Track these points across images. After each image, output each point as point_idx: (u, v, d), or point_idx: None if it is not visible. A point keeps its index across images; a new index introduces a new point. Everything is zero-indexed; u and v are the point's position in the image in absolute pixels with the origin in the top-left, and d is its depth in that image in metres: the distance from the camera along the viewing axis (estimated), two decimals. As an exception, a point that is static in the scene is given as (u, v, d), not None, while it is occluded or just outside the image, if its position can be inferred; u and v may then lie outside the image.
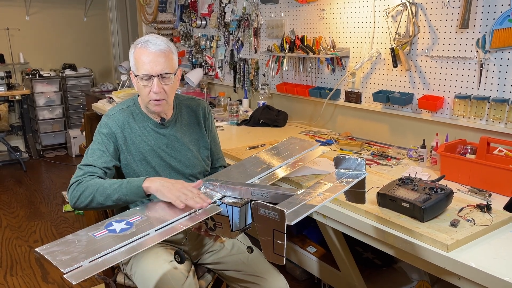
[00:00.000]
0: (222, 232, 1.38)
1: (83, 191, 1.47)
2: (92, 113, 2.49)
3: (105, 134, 1.60)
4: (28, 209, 3.88)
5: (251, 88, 3.47)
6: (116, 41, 6.09)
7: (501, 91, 1.95)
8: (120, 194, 1.43)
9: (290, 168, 1.66)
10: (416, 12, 2.22)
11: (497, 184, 1.68)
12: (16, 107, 5.45)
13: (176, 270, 1.52)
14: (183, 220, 1.25)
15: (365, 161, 1.33)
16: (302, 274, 2.58)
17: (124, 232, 1.16)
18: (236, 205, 1.30)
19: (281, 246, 1.05)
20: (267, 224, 1.07)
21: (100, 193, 1.45)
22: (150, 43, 1.53)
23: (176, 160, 1.68)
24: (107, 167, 1.56)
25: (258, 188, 1.35)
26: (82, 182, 1.49)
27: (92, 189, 1.46)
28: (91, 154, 1.57)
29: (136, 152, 1.63)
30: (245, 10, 3.39)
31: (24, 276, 2.80)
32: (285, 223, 1.03)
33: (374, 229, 1.46)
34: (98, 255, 1.05)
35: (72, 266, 1.00)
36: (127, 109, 1.67)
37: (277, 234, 1.06)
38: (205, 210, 1.31)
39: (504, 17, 1.86)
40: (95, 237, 1.13)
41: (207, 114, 1.81)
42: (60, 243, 1.10)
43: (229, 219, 1.32)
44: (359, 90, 2.61)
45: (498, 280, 1.14)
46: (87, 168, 1.54)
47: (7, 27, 5.25)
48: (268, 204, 1.06)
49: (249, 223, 1.35)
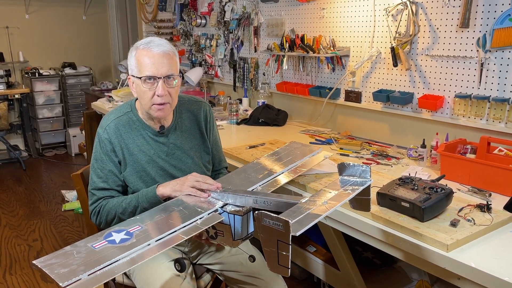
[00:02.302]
0: (224, 241, 1.36)
1: (106, 217, 1.53)
2: (92, 112, 2.50)
3: (106, 151, 1.56)
4: (27, 208, 3.87)
5: (251, 87, 3.47)
6: (116, 40, 6.08)
7: (501, 91, 1.94)
8: (140, 208, 1.47)
9: (292, 174, 1.64)
10: (417, 11, 2.21)
11: (497, 184, 1.67)
12: (16, 106, 5.44)
13: (174, 270, 1.52)
14: (184, 229, 1.22)
15: (370, 168, 1.30)
16: (301, 273, 2.58)
17: (124, 243, 1.12)
18: (238, 214, 1.28)
19: (286, 258, 1.01)
20: (271, 234, 1.02)
21: (122, 213, 1.51)
22: (153, 44, 1.48)
23: (176, 168, 1.63)
24: (118, 185, 1.58)
25: (260, 196, 1.32)
26: (101, 210, 1.54)
27: (113, 212, 1.52)
28: (98, 176, 1.56)
29: (134, 163, 1.58)
30: (245, 9, 3.39)
31: (23, 275, 2.80)
32: (290, 234, 0.99)
33: (374, 229, 1.45)
34: (97, 268, 1.02)
35: (70, 280, 0.97)
36: (123, 117, 1.59)
37: (281, 245, 1.01)
38: (207, 218, 1.28)
39: (504, 17, 1.86)
40: (94, 248, 1.10)
41: (209, 117, 1.74)
42: (59, 255, 1.07)
43: (231, 228, 1.29)
44: (359, 89, 2.60)
45: (498, 280, 1.14)
46: (99, 193, 1.56)
47: (7, 25, 5.24)
48: (272, 214, 1.02)
49: (251, 231, 1.33)
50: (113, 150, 1.56)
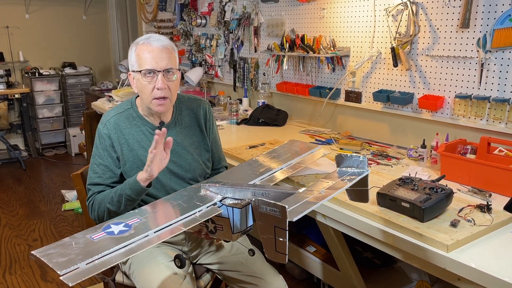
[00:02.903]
0: (223, 235, 1.36)
1: (98, 209, 1.54)
2: (92, 112, 2.50)
3: (104, 147, 1.58)
4: (27, 207, 3.87)
5: (251, 87, 3.47)
6: (116, 40, 6.08)
7: (501, 91, 1.94)
8: (125, 196, 1.46)
9: (290, 170, 1.64)
10: (417, 11, 2.21)
11: (497, 184, 1.67)
12: (16, 106, 5.44)
13: (174, 269, 1.52)
14: (183, 221, 1.24)
15: (367, 158, 1.32)
16: (301, 273, 2.58)
17: (122, 234, 1.14)
18: (236, 206, 1.29)
19: (283, 244, 1.04)
20: (268, 221, 1.05)
21: (110, 203, 1.51)
22: (152, 39, 1.52)
23: (176, 164, 1.64)
24: (114, 182, 1.58)
25: (259, 188, 1.33)
26: (94, 202, 1.56)
27: (103, 204, 1.53)
28: (94, 171, 1.58)
29: (134, 158, 1.59)
30: (245, 9, 3.39)
31: (23, 274, 2.80)
32: (286, 220, 1.02)
33: (374, 229, 1.45)
34: (95, 257, 1.03)
35: (68, 268, 0.98)
36: (124, 113, 1.62)
37: (278, 231, 1.04)
38: (205, 211, 1.29)
39: (505, 17, 1.86)
40: (92, 239, 1.12)
41: (208, 115, 1.76)
42: (57, 246, 1.08)
43: (230, 221, 1.30)
44: (359, 90, 2.60)
45: (498, 280, 1.14)
46: (95, 188, 1.58)
47: (7, 25, 5.24)
48: (269, 201, 1.05)
49: (250, 225, 1.33)
50: (111, 145, 1.59)
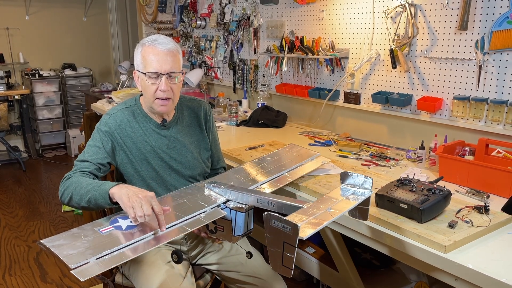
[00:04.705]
0: (223, 236, 1.37)
1: (67, 188, 1.45)
2: (92, 113, 2.50)
3: (104, 131, 1.60)
4: (27, 208, 3.87)
5: (251, 88, 3.48)
6: (116, 41, 6.08)
7: (499, 93, 1.95)
8: (90, 196, 1.37)
9: (289, 177, 1.66)
10: (415, 13, 2.22)
11: (496, 186, 1.68)
12: (16, 107, 5.45)
13: (173, 270, 1.52)
14: (187, 222, 1.25)
15: (372, 180, 1.33)
16: (300, 274, 2.58)
17: (130, 230, 1.15)
18: (240, 211, 1.30)
19: (291, 259, 1.04)
20: (278, 236, 1.05)
21: (77, 192, 1.41)
22: (158, 42, 1.56)
23: (177, 161, 1.68)
24: (101, 164, 1.57)
25: (264, 196, 1.34)
26: (70, 178, 1.48)
27: (72, 187, 1.43)
28: (87, 150, 1.58)
29: (137, 151, 1.63)
30: (244, 11, 3.39)
31: (22, 276, 2.80)
32: (297, 237, 1.02)
33: (372, 230, 1.46)
34: (105, 252, 1.03)
35: (79, 262, 0.97)
36: (129, 109, 1.67)
37: (287, 247, 1.04)
38: (209, 213, 1.30)
39: (503, 19, 1.86)
40: (101, 233, 1.12)
41: (208, 115, 1.81)
42: (66, 236, 1.08)
43: (232, 224, 1.31)
44: (358, 91, 2.61)
45: (496, 281, 1.14)
46: (81, 164, 1.55)
47: (7, 26, 5.24)
48: (281, 217, 1.05)
49: (250, 228, 1.34)
50: (112, 133, 1.60)
